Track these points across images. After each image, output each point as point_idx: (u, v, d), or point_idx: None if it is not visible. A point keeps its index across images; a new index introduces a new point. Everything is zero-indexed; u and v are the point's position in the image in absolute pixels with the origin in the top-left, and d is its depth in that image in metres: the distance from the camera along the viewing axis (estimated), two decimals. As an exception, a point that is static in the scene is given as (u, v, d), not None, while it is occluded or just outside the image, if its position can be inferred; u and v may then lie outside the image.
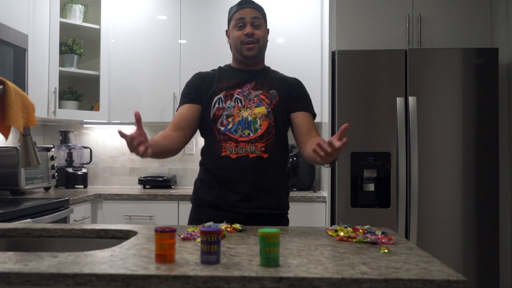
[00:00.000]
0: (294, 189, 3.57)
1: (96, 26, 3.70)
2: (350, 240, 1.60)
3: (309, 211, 3.27)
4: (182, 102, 2.03)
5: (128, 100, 3.73)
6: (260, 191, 1.94)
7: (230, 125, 1.93)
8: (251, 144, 1.92)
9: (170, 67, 3.71)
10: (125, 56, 3.74)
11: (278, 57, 3.58)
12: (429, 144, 3.03)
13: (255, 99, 1.96)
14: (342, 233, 1.66)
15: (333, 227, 1.78)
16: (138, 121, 1.57)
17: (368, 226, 1.83)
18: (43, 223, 2.44)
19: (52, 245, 1.77)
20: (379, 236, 1.61)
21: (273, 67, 2.12)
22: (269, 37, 2.07)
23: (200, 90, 2.00)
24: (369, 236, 1.60)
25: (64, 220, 2.86)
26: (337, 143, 1.56)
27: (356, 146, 3.05)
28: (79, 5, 3.69)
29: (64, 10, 3.64)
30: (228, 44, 2.08)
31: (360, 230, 1.71)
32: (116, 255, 1.33)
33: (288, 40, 3.65)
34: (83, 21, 3.71)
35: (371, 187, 3.04)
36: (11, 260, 1.27)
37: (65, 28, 3.59)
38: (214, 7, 3.70)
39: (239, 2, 2.04)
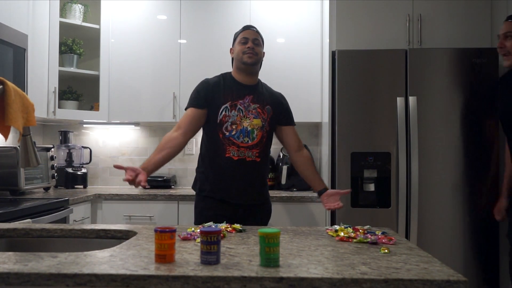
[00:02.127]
0: (294, 189, 3.56)
1: (96, 26, 3.69)
2: (350, 240, 1.60)
3: (309, 211, 3.27)
4: (190, 105, 2.43)
5: (128, 100, 3.73)
6: (252, 187, 2.42)
7: (234, 132, 2.36)
8: (249, 150, 2.37)
9: (170, 67, 3.70)
10: (125, 56, 3.73)
11: (278, 57, 3.58)
12: (429, 144, 3.03)
13: (253, 111, 2.40)
14: (342, 233, 1.66)
15: (333, 227, 1.78)
16: (121, 168, 2.06)
17: (368, 226, 1.83)
18: (42, 223, 2.44)
19: (52, 245, 1.77)
20: (379, 236, 1.61)
21: (273, 67, 2.18)
22: (269, 37, 2.10)
23: (208, 97, 2.41)
24: (369, 236, 1.60)
25: (64, 220, 2.86)
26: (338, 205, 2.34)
27: (356, 146, 3.05)
28: (79, 5, 3.68)
29: (64, 10, 3.64)
30: (231, 59, 2.52)
31: (360, 230, 1.71)
32: (116, 255, 1.33)
33: (288, 40, 3.64)
34: (83, 21, 3.71)
35: (371, 187, 3.04)
36: (10, 260, 1.27)
37: (64, 28, 3.59)
38: (214, 7, 3.69)
39: (244, 26, 2.54)
